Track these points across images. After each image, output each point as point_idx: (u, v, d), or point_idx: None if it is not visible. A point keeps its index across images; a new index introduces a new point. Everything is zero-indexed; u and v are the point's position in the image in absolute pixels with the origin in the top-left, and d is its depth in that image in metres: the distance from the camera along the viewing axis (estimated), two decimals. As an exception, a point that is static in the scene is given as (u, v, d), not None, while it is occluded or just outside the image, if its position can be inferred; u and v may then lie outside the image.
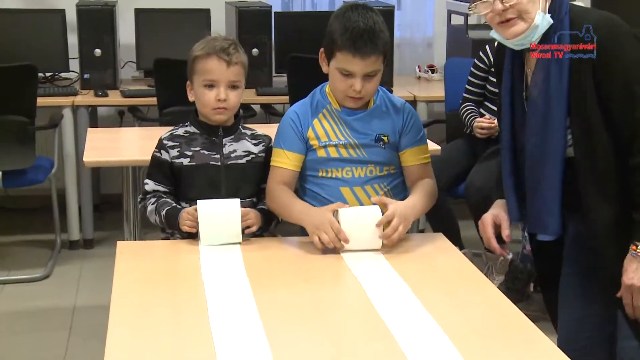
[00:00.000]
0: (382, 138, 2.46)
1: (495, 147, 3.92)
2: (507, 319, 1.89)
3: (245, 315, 1.85)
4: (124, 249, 2.31)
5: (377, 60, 2.36)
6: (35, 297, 3.83)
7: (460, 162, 3.94)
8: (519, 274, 3.56)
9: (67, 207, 4.44)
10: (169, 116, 4.08)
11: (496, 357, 1.68)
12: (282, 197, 2.44)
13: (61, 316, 3.59)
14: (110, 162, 3.36)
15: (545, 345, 1.74)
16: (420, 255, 2.29)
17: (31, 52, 4.48)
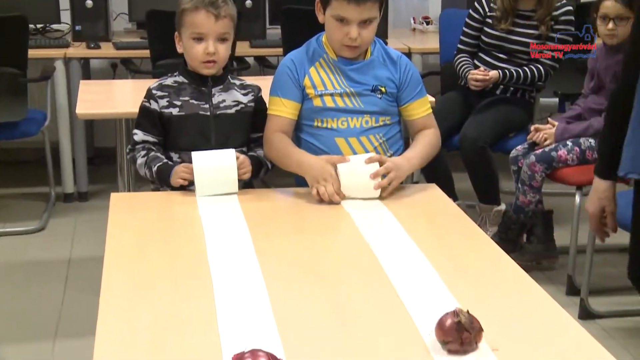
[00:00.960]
0: (379, 88, 2.46)
1: (490, 99, 3.92)
2: (500, 267, 1.90)
3: (245, 264, 1.86)
4: (117, 200, 2.31)
5: (372, 6, 2.35)
6: (30, 249, 3.84)
7: (455, 114, 3.94)
8: (512, 225, 3.59)
9: (61, 160, 4.44)
10: (162, 68, 4.04)
11: (490, 304, 1.69)
12: (281, 146, 2.44)
13: (57, 268, 3.61)
14: (104, 114, 3.35)
15: (537, 293, 1.76)
16: (415, 206, 2.30)
17: (22, 3, 4.41)
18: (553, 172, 3.44)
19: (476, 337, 1.52)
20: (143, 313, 1.64)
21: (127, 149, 2.54)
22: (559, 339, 1.55)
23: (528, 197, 3.49)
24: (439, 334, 1.53)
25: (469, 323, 1.51)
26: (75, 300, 3.30)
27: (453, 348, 1.51)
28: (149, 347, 1.50)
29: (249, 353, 1.35)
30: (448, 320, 1.51)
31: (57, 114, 4.39)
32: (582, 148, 3.44)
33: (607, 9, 3.38)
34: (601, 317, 3.18)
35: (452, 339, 1.50)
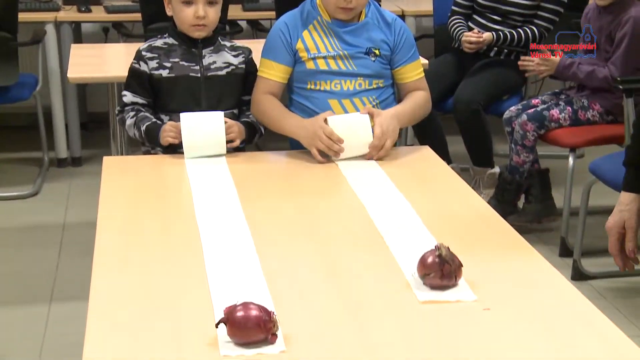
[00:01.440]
0: (373, 51, 2.45)
1: (483, 61, 3.91)
2: (493, 229, 1.91)
3: (234, 225, 1.86)
4: (110, 164, 2.31)
5: None
6: (24, 214, 3.84)
7: (449, 77, 3.92)
8: (507, 186, 3.59)
9: (53, 125, 4.42)
10: (154, 32, 4.00)
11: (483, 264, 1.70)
12: (272, 110, 2.43)
13: (51, 233, 3.61)
14: (96, 78, 3.33)
15: (530, 254, 1.76)
16: (408, 168, 2.30)
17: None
18: (546, 133, 3.44)
19: (456, 272, 1.58)
20: (135, 274, 1.64)
21: (117, 110, 2.54)
22: (551, 300, 1.56)
23: (522, 157, 3.49)
24: (420, 269, 1.59)
25: (450, 257, 1.57)
26: (70, 264, 3.31)
27: (434, 282, 1.57)
28: (142, 307, 1.51)
29: (240, 305, 1.38)
30: (430, 256, 1.58)
31: (48, 79, 4.36)
32: (575, 108, 3.44)
33: None
34: (593, 278, 3.20)
35: (433, 271, 1.56)
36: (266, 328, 1.37)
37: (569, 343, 1.41)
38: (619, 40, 3.33)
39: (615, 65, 3.33)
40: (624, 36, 3.32)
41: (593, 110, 3.44)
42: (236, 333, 1.37)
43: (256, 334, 1.37)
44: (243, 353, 1.36)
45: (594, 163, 3.08)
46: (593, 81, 3.40)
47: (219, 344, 1.38)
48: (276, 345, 1.38)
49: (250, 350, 1.36)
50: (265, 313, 1.38)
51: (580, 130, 3.42)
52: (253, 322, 1.36)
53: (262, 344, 1.37)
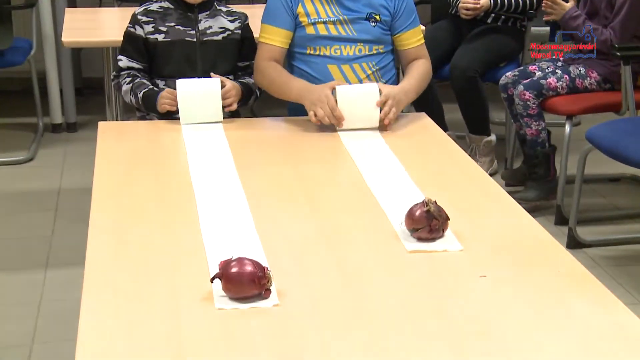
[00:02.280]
0: (374, 16, 2.43)
1: (480, 28, 3.88)
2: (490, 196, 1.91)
3: (230, 190, 1.86)
4: (105, 129, 2.30)
5: None
6: (19, 179, 3.83)
7: (445, 44, 3.90)
8: (535, 160, 3.50)
9: (48, 90, 4.39)
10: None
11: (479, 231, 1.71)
12: (277, 75, 2.41)
13: (46, 198, 3.60)
14: (90, 42, 3.30)
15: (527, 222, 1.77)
16: (405, 135, 2.30)
17: None
18: (543, 101, 3.42)
19: (443, 225, 1.65)
20: (131, 239, 1.65)
21: (112, 75, 2.52)
22: (547, 268, 1.57)
23: (533, 127, 3.44)
24: (408, 223, 1.65)
25: (437, 211, 1.63)
26: (65, 230, 3.31)
27: (423, 235, 1.64)
28: (139, 272, 1.52)
29: (235, 261, 1.41)
30: (418, 210, 1.64)
31: (43, 43, 4.33)
32: (572, 76, 3.42)
33: None
34: (589, 246, 3.21)
35: (422, 226, 1.63)
36: (260, 283, 1.40)
37: (565, 311, 1.42)
38: (619, 6, 3.31)
39: (614, 31, 3.31)
40: (624, 2, 3.29)
41: (590, 78, 3.42)
42: (231, 288, 1.40)
43: (250, 289, 1.40)
44: (237, 307, 1.39)
45: (591, 131, 3.08)
46: (593, 40, 3.37)
47: (214, 298, 1.40)
48: (269, 299, 1.41)
49: (245, 304, 1.39)
50: (259, 269, 1.40)
51: (577, 98, 3.41)
52: (247, 277, 1.39)
53: (256, 299, 1.40)
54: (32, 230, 3.32)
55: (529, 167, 3.56)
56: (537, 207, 3.48)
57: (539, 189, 3.51)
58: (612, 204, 3.63)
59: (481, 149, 3.85)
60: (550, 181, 3.53)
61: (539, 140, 3.47)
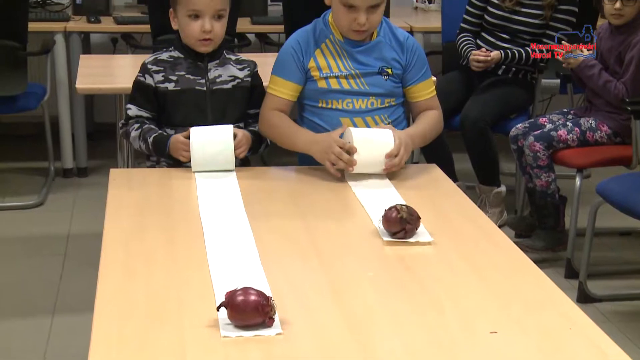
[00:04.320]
0: (386, 70, 2.44)
1: (491, 79, 3.90)
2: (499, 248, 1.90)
3: (242, 243, 1.86)
4: (116, 176, 2.30)
5: None
6: (29, 224, 3.84)
7: (456, 94, 3.92)
8: (544, 211, 3.50)
9: (60, 135, 4.42)
10: (163, 44, 4.00)
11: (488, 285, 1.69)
12: (283, 126, 2.42)
13: (55, 243, 3.61)
14: (103, 89, 3.33)
15: (536, 275, 1.75)
16: (415, 186, 2.29)
17: (22, -24, 4.40)
18: (554, 153, 3.42)
19: (416, 224, 1.88)
20: (140, 288, 1.64)
21: (120, 124, 2.53)
22: (557, 322, 1.55)
23: (543, 178, 3.44)
24: (385, 226, 1.88)
25: (409, 216, 1.86)
26: (74, 275, 3.30)
27: (400, 237, 1.87)
28: (147, 321, 1.51)
29: (240, 290, 1.49)
30: (392, 213, 1.87)
31: (56, 88, 4.37)
32: (583, 129, 3.42)
33: None
34: (600, 300, 3.18)
35: (397, 230, 1.87)
36: (264, 312, 1.47)
37: (576, 367, 1.40)
38: (629, 61, 3.33)
39: (625, 85, 3.32)
40: (632, 58, 3.31)
41: (601, 131, 3.43)
42: (236, 316, 1.47)
43: (255, 317, 1.47)
44: (242, 334, 1.45)
45: (601, 184, 3.07)
46: (606, 92, 3.38)
47: (219, 326, 1.47)
48: (273, 328, 1.48)
49: (249, 332, 1.46)
50: (263, 298, 1.48)
51: (588, 151, 3.41)
52: (252, 306, 1.47)
53: (260, 327, 1.47)
54: (40, 275, 3.32)
55: (539, 217, 3.54)
56: (545, 259, 3.46)
57: (547, 239, 3.50)
58: (622, 258, 3.61)
59: (491, 200, 3.84)
60: (559, 232, 3.52)
61: (548, 191, 3.46)
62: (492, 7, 3.90)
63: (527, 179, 3.57)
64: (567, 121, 3.50)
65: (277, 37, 4.62)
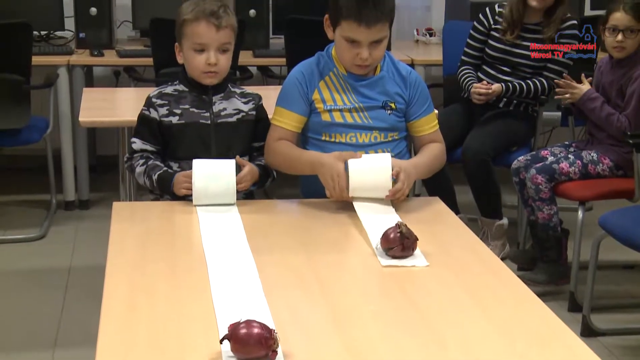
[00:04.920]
0: (389, 104, 2.45)
1: (493, 112, 3.92)
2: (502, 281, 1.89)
3: (245, 275, 1.85)
4: (119, 209, 2.30)
5: (383, 27, 2.33)
6: (30, 257, 3.83)
7: (457, 127, 3.93)
8: (546, 244, 3.50)
9: (62, 167, 4.43)
10: (165, 77, 4.04)
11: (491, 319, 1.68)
12: (287, 151, 2.42)
13: (57, 276, 3.60)
14: (106, 122, 3.34)
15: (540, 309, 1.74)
16: (418, 219, 2.28)
17: (26, 10, 4.44)
18: (555, 186, 3.42)
19: (413, 245, 1.96)
20: (143, 321, 1.64)
21: (125, 158, 2.53)
22: (561, 356, 1.54)
23: (545, 211, 3.44)
24: (384, 243, 1.96)
25: (408, 232, 1.94)
26: (75, 309, 3.29)
27: (396, 253, 1.94)
28: (150, 355, 1.51)
29: (243, 323, 1.49)
30: (391, 234, 1.95)
31: (59, 121, 4.39)
32: (584, 162, 3.43)
33: (616, 20, 3.37)
34: (603, 334, 3.16)
35: (395, 245, 1.94)
36: (267, 345, 1.47)
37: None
38: (630, 95, 3.34)
39: (627, 119, 3.33)
40: (634, 91, 3.32)
41: (603, 164, 3.43)
42: (239, 349, 1.48)
43: (258, 350, 1.47)
44: None
45: (604, 217, 3.06)
46: (608, 125, 3.38)
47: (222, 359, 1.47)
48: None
49: None
50: (267, 330, 1.48)
51: (590, 184, 3.41)
52: (255, 338, 1.47)
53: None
54: (41, 309, 3.30)
55: (541, 250, 3.54)
56: (548, 292, 3.45)
57: (550, 273, 3.49)
58: (626, 292, 3.59)
59: (493, 232, 3.84)
60: (562, 265, 3.51)
61: (550, 224, 3.46)
62: (493, 40, 3.93)
63: (529, 211, 3.57)
64: (568, 154, 3.51)
65: (279, 69, 4.65)
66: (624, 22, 3.35)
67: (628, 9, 3.35)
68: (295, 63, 2.57)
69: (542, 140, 4.67)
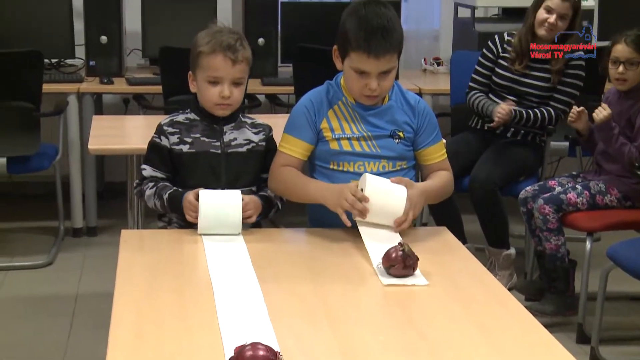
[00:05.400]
0: (398, 133, 2.46)
1: (500, 141, 3.92)
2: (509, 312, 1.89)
3: (252, 305, 1.86)
4: (127, 237, 2.31)
5: (391, 58, 2.34)
6: (38, 284, 3.83)
7: (465, 156, 3.93)
8: (553, 275, 3.48)
9: (71, 194, 4.44)
10: (175, 104, 4.05)
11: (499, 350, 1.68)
12: (293, 178, 2.42)
13: (64, 303, 3.60)
14: (115, 150, 3.36)
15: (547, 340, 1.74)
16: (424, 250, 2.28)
17: (37, 38, 4.48)
18: (563, 216, 3.42)
19: (414, 264, 2.03)
20: (151, 350, 1.64)
21: (135, 184, 2.54)
22: (570, 389, 1.54)
23: (553, 242, 3.43)
24: (385, 262, 2.04)
25: (410, 251, 2.02)
26: (82, 336, 3.29)
27: (397, 272, 2.02)
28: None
29: (249, 345, 1.51)
30: (393, 253, 2.03)
31: (68, 148, 4.41)
32: (592, 192, 3.42)
33: (618, 52, 3.39)
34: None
35: (397, 263, 2.01)
36: None
37: None
38: (639, 126, 3.34)
39: (638, 150, 3.33)
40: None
41: (611, 195, 3.43)
42: None
43: None
44: None
45: (612, 248, 3.05)
46: (620, 155, 3.37)
47: None
48: None
49: None
50: (272, 353, 1.49)
51: (598, 215, 3.40)
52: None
53: None
54: (48, 336, 3.30)
55: (548, 281, 3.52)
56: (556, 323, 3.43)
57: (557, 304, 3.47)
58: (634, 324, 3.57)
59: (500, 262, 3.83)
60: (569, 296, 3.49)
61: (558, 255, 3.45)
62: (500, 68, 3.94)
63: (537, 241, 3.56)
64: (576, 184, 3.51)
65: (287, 98, 4.67)
66: (625, 54, 3.38)
67: (629, 42, 3.38)
68: (303, 91, 2.58)
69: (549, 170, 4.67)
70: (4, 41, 4.50)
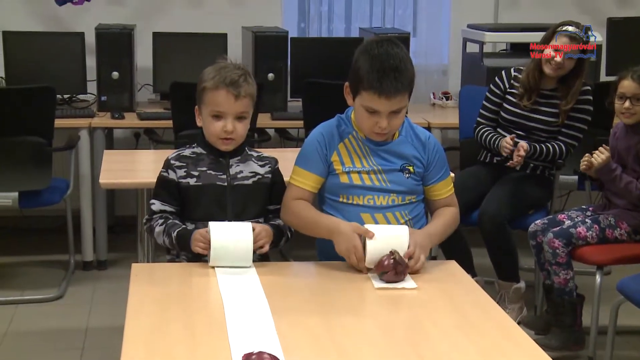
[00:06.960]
0: (407, 168, 2.47)
1: (509, 175, 3.92)
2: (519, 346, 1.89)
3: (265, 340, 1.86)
4: (138, 271, 2.32)
5: (403, 98, 2.37)
6: (48, 317, 3.84)
7: (474, 190, 3.93)
8: (561, 309, 3.47)
9: (81, 228, 4.46)
10: (185, 139, 4.09)
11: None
12: (305, 212, 2.45)
13: (73, 337, 3.60)
14: (126, 184, 3.38)
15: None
16: (433, 283, 2.29)
17: (50, 74, 4.54)
18: (573, 250, 3.41)
19: (404, 270, 2.22)
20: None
21: (144, 219, 2.56)
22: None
23: (562, 276, 3.42)
24: (378, 269, 2.23)
25: (401, 259, 2.21)
26: (91, 370, 3.28)
27: (390, 278, 2.21)
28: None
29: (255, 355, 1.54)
30: (385, 261, 2.21)
31: (79, 183, 4.44)
32: (602, 226, 3.42)
33: (624, 88, 3.42)
34: (623, 400, 3.12)
35: (389, 270, 2.20)
36: None
37: None
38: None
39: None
40: (650, 157, 3.34)
41: (620, 229, 3.42)
42: None
43: None
44: None
45: (622, 282, 3.04)
46: (628, 194, 3.38)
47: None
48: None
49: None
50: None
51: (607, 249, 3.40)
52: None
53: None
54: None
55: (555, 315, 3.51)
56: (567, 357, 3.41)
57: (563, 338, 3.45)
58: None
59: (510, 295, 3.81)
60: (576, 331, 3.48)
61: (566, 289, 3.44)
62: (508, 104, 3.95)
63: (545, 275, 3.56)
64: (586, 218, 3.50)
65: (297, 132, 4.69)
66: (631, 89, 3.40)
67: (636, 77, 3.40)
68: (312, 126, 2.60)
69: (559, 203, 4.67)
70: (17, 77, 4.57)
